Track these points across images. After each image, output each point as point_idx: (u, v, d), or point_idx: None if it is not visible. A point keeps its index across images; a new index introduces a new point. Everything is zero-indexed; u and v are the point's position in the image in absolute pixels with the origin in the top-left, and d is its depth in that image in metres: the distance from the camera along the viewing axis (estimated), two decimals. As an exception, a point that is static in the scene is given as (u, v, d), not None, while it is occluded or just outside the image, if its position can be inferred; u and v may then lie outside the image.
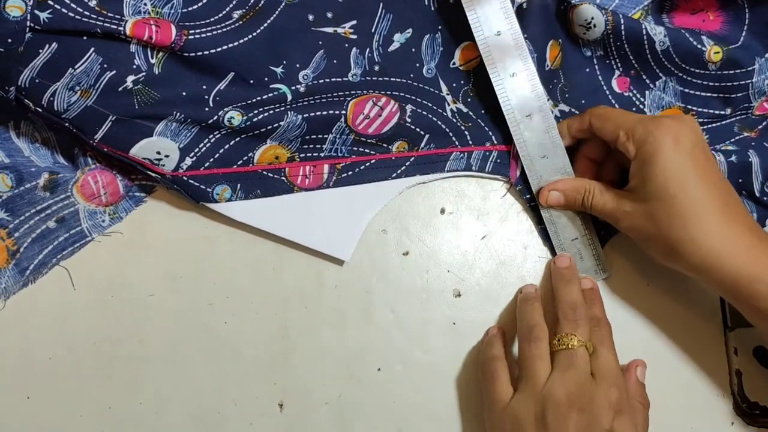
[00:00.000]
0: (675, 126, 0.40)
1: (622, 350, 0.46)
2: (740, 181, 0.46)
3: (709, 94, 0.48)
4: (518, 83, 0.46)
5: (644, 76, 0.48)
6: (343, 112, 0.46)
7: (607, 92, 0.49)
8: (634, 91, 0.49)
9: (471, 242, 0.48)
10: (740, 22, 0.47)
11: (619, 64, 0.48)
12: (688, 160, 0.39)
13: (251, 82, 0.44)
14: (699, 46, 0.46)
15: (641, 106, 0.49)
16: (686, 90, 0.48)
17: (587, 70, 0.48)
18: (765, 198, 0.47)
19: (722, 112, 0.49)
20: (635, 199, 0.42)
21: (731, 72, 0.47)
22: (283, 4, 0.44)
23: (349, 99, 0.46)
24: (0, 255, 0.44)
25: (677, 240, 0.40)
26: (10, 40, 0.37)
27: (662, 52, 0.46)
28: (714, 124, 0.49)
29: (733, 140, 0.48)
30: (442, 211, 0.48)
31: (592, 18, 0.46)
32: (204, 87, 0.43)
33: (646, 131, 0.40)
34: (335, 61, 0.45)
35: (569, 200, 0.46)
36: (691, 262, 0.40)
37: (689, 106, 0.49)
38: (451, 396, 0.47)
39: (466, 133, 0.48)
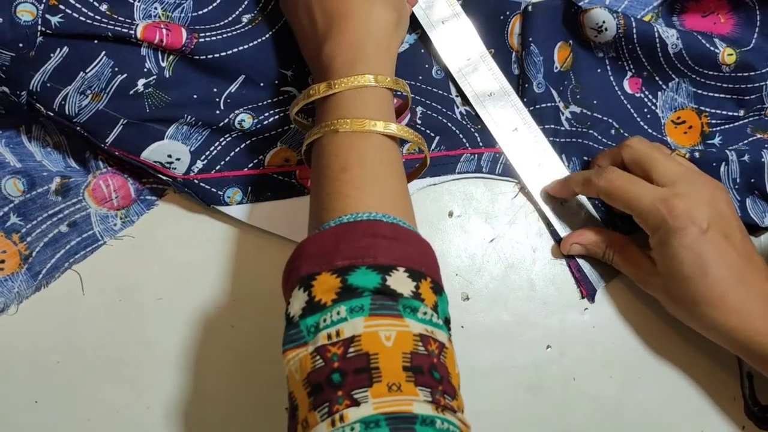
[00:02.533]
0: (688, 209, 0.39)
1: (632, 351, 0.46)
2: (752, 180, 0.46)
3: (722, 96, 0.48)
4: (496, 102, 0.47)
5: (657, 78, 0.48)
6: (354, 114, 0.46)
7: (619, 93, 0.48)
8: (646, 92, 0.49)
9: (479, 245, 0.48)
10: (751, 24, 0.47)
11: (631, 66, 0.48)
12: (702, 244, 0.39)
13: (261, 84, 0.44)
14: (712, 49, 0.46)
15: (653, 107, 0.49)
16: (699, 91, 0.48)
17: (599, 70, 0.48)
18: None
19: (735, 114, 0.49)
20: (653, 270, 0.42)
21: (745, 74, 0.47)
22: (292, 7, 0.44)
23: (359, 101, 0.46)
24: (13, 259, 0.44)
25: (691, 312, 0.41)
26: (21, 45, 0.37)
27: (675, 54, 0.46)
28: (727, 126, 0.49)
29: (745, 142, 0.48)
30: (450, 214, 0.48)
31: (604, 22, 0.46)
32: (215, 90, 0.43)
33: (660, 218, 0.40)
34: (345, 64, 0.45)
35: (590, 253, 0.46)
36: (705, 330, 0.42)
37: (702, 107, 0.48)
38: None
39: (476, 135, 0.47)
